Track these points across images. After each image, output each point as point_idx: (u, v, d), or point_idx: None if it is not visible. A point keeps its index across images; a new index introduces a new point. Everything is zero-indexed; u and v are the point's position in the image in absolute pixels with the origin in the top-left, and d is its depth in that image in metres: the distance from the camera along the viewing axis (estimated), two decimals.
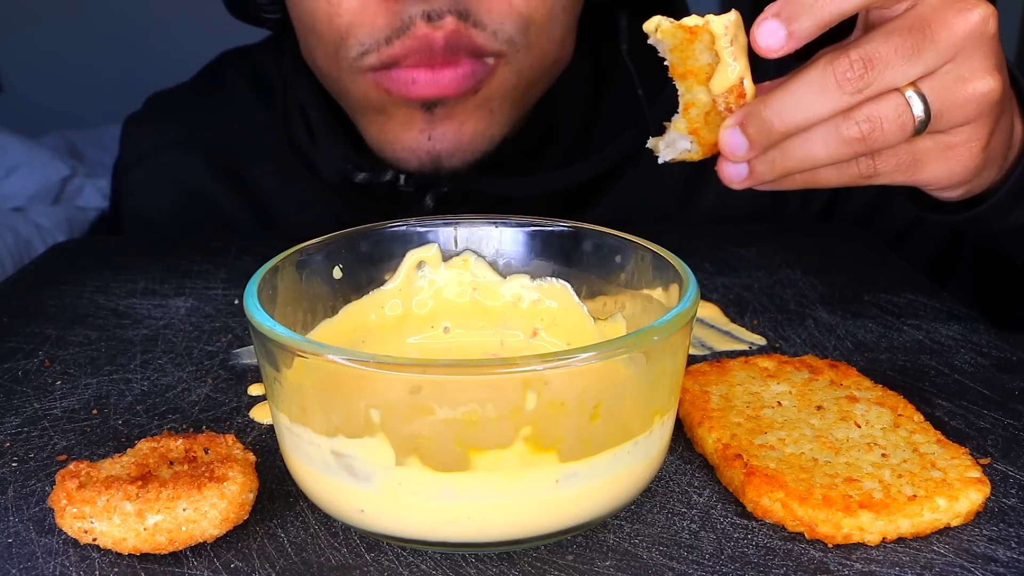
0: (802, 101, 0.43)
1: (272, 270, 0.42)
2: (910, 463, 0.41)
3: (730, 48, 0.43)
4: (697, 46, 0.43)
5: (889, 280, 0.65)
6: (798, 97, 0.43)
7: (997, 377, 0.52)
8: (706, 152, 0.46)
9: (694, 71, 0.44)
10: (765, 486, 0.39)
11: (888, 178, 0.47)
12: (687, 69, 0.44)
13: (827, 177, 0.46)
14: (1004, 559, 0.37)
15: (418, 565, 0.37)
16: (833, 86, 0.43)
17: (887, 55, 0.43)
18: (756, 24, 0.42)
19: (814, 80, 0.43)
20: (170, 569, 0.37)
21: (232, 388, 0.51)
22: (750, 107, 0.43)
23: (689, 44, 0.43)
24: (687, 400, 0.46)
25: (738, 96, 0.44)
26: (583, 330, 0.47)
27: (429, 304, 0.48)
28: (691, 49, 0.43)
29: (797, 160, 0.44)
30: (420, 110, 0.65)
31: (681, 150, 0.46)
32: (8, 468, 0.44)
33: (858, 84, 0.43)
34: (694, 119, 0.45)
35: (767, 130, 0.43)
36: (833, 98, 0.43)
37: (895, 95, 0.43)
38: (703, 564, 0.37)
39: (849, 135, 0.43)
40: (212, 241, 0.74)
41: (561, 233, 0.47)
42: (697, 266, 0.60)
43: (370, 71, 0.64)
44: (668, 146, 0.46)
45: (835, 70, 0.43)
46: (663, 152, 0.46)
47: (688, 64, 0.44)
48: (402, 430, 0.35)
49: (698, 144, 0.46)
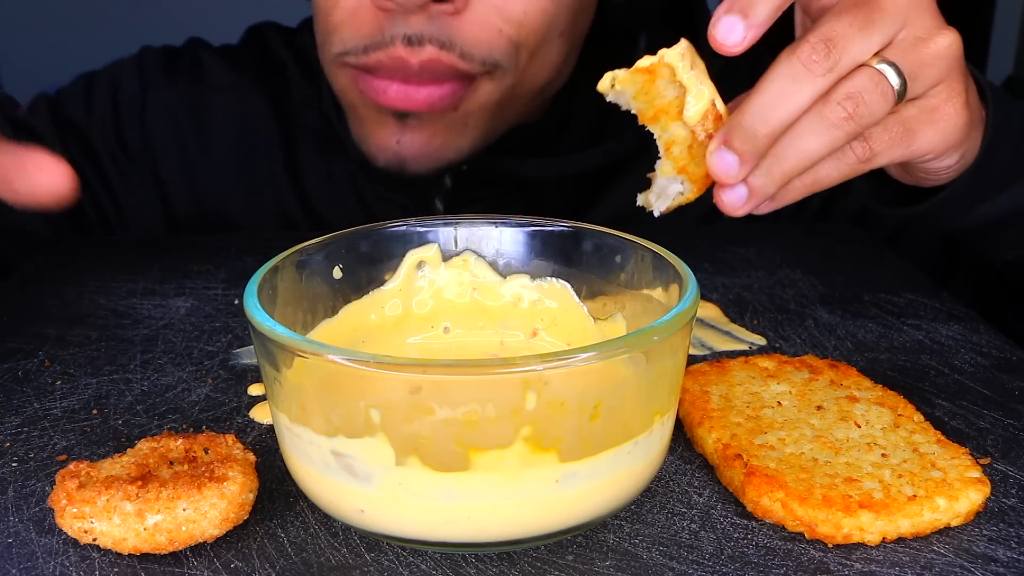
0: (778, 96, 0.43)
1: (272, 270, 0.42)
2: (910, 463, 0.41)
3: (692, 73, 0.42)
4: (659, 83, 0.43)
5: (889, 280, 0.65)
6: (773, 94, 0.43)
7: (997, 377, 0.52)
8: (700, 188, 0.44)
9: (664, 109, 0.43)
10: (765, 486, 0.39)
11: (887, 156, 0.46)
12: (657, 109, 0.43)
13: (827, 173, 0.46)
14: (1004, 559, 0.37)
15: (418, 565, 0.37)
16: (803, 72, 0.43)
17: (844, 31, 0.43)
18: (713, 25, 0.42)
19: (783, 73, 0.43)
20: (170, 569, 0.37)
21: (232, 388, 0.51)
22: (730, 122, 0.43)
23: (650, 84, 0.43)
24: (687, 400, 0.46)
25: (715, 119, 0.43)
26: (583, 330, 0.47)
27: (429, 304, 0.48)
28: (654, 89, 0.43)
29: (792, 160, 0.44)
30: (390, 115, 0.67)
31: (674, 195, 0.45)
32: (8, 468, 0.44)
33: (826, 64, 0.43)
34: (679, 157, 0.44)
35: (753, 137, 0.42)
36: (807, 84, 0.43)
37: (866, 69, 0.44)
38: (703, 564, 0.37)
39: (836, 117, 0.43)
40: (212, 241, 0.74)
41: (561, 233, 0.47)
42: (697, 266, 0.60)
43: (350, 68, 0.66)
44: (659, 196, 0.45)
45: (800, 57, 0.43)
46: (656, 204, 0.45)
47: (656, 104, 0.43)
48: (402, 430, 0.35)
49: (689, 182, 0.44)
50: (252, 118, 0.83)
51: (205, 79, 0.84)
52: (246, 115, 0.83)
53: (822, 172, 0.46)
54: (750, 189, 0.44)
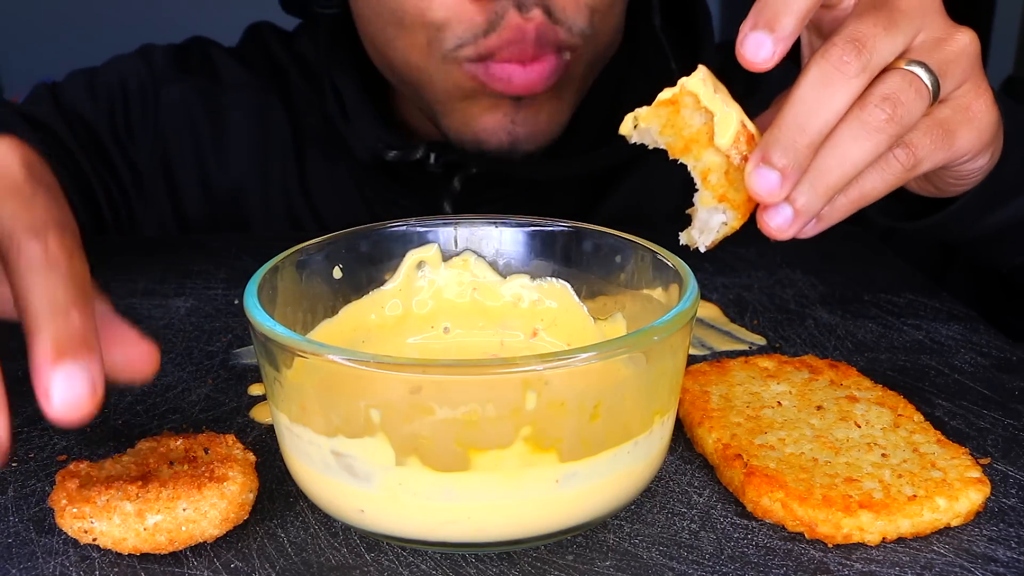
0: (814, 103, 0.41)
1: (272, 270, 0.42)
2: (910, 463, 0.41)
3: (717, 97, 0.41)
4: (684, 113, 0.42)
5: (889, 280, 0.65)
6: (808, 102, 0.41)
7: (997, 377, 0.52)
8: (744, 214, 0.43)
9: (694, 138, 0.42)
10: (765, 486, 0.39)
11: (931, 161, 0.45)
12: (687, 140, 0.42)
13: (873, 185, 0.44)
14: (1004, 559, 0.37)
15: (418, 565, 0.37)
16: (836, 75, 0.42)
17: (870, 31, 0.42)
18: (739, 44, 0.41)
19: (815, 79, 0.42)
20: (170, 569, 0.37)
21: (232, 388, 0.51)
22: (766, 137, 0.41)
23: (675, 116, 0.42)
24: (687, 400, 0.46)
25: (748, 140, 0.41)
26: (583, 330, 0.47)
27: (429, 304, 0.48)
28: (680, 120, 0.42)
29: (836, 172, 0.42)
30: (507, 99, 0.68)
31: (717, 226, 0.43)
32: (8, 468, 0.44)
33: (858, 63, 0.42)
34: (716, 185, 0.42)
35: (793, 149, 0.41)
36: (841, 87, 0.42)
37: (897, 70, 0.43)
38: (703, 564, 0.37)
39: (876, 120, 0.42)
40: (212, 241, 0.74)
41: (561, 233, 0.47)
42: (697, 266, 0.60)
43: (466, 62, 0.66)
44: (702, 231, 0.43)
45: (830, 60, 0.42)
46: (700, 240, 0.43)
47: (685, 135, 0.42)
48: (402, 430, 0.35)
49: (732, 209, 0.42)
50: (267, 118, 0.83)
51: (220, 77, 0.83)
52: (262, 115, 0.83)
53: (867, 184, 0.44)
54: (795, 208, 0.42)
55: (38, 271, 0.35)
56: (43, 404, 0.34)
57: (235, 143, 0.82)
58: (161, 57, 0.84)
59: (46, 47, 2.44)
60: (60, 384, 0.34)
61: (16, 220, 0.36)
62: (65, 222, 0.37)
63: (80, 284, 0.35)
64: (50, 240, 0.35)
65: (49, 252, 0.35)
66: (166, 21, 2.44)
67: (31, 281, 0.35)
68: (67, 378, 0.33)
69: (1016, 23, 2.44)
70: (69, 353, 0.34)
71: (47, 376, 0.33)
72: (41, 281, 0.35)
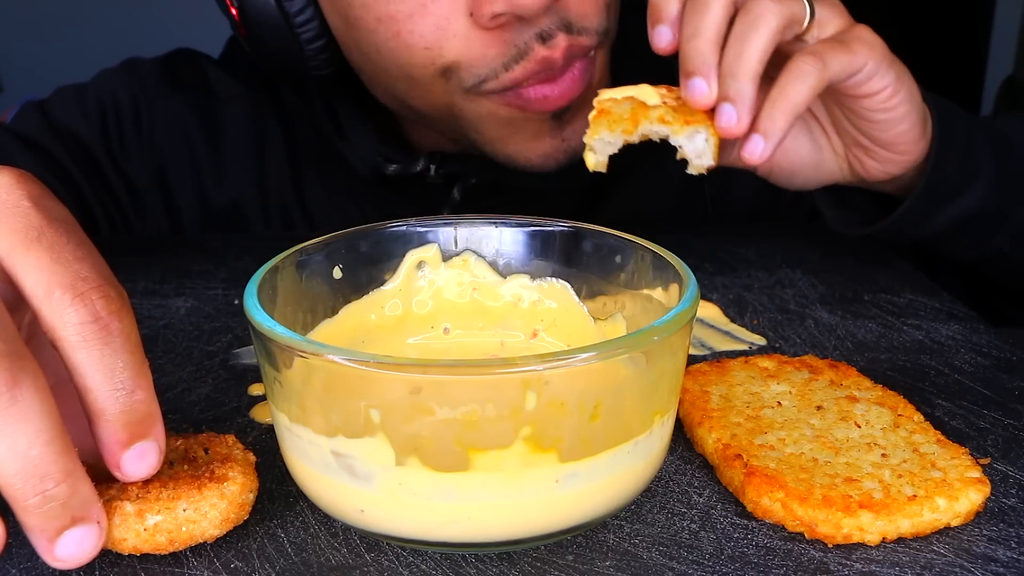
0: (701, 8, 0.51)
1: (272, 270, 0.42)
2: (910, 463, 0.41)
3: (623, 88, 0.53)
4: (615, 110, 0.52)
5: (889, 280, 0.65)
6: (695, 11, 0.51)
7: (997, 377, 0.52)
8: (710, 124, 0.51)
9: (633, 117, 0.51)
10: (765, 486, 0.39)
11: (836, 64, 0.52)
12: (629, 121, 0.51)
13: (796, 90, 0.51)
14: (1004, 559, 0.37)
15: (418, 565, 0.37)
16: None
17: None
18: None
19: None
20: (170, 569, 0.37)
21: (232, 388, 0.51)
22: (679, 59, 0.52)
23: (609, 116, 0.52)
24: (687, 400, 0.46)
25: (667, 89, 0.53)
26: (583, 330, 0.47)
27: (429, 304, 0.48)
28: (614, 116, 0.52)
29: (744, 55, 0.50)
30: (548, 120, 0.66)
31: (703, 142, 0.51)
32: None
33: None
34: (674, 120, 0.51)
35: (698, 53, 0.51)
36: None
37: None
38: (703, 564, 0.37)
39: (759, 8, 0.51)
40: (212, 241, 0.74)
41: (561, 233, 0.47)
42: (697, 266, 0.60)
43: (494, 93, 0.64)
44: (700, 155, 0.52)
45: None
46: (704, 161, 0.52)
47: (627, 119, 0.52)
48: (402, 430, 0.35)
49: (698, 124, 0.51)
50: (262, 131, 0.81)
51: (213, 90, 0.82)
52: (256, 128, 0.82)
53: (791, 91, 0.51)
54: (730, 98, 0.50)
55: (93, 343, 0.35)
56: (115, 474, 0.37)
57: (231, 157, 0.81)
58: (150, 71, 0.83)
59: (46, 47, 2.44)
60: (133, 462, 0.36)
61: (53, 275, 0.35)
62: (98, 266, 0.37)
63: (134, 350, 0.36)
64: (97, 301, 0.35)
65: (99, 318, 0.35)
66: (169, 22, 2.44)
67: (88, 355, 0.35)
68: (139, 456, 0.36)
69: (1016, 23, 2.44)
70: (140, 435, 0.36)
71: (119, 455, 0.36)
72: (98, 355, 0.35)
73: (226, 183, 0.81)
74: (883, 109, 0.56)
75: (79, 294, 0.35)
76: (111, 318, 0.35)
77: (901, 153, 0.58)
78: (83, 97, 0.81)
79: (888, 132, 0.57)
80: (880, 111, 0.56)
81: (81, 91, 0.82)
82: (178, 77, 0.83)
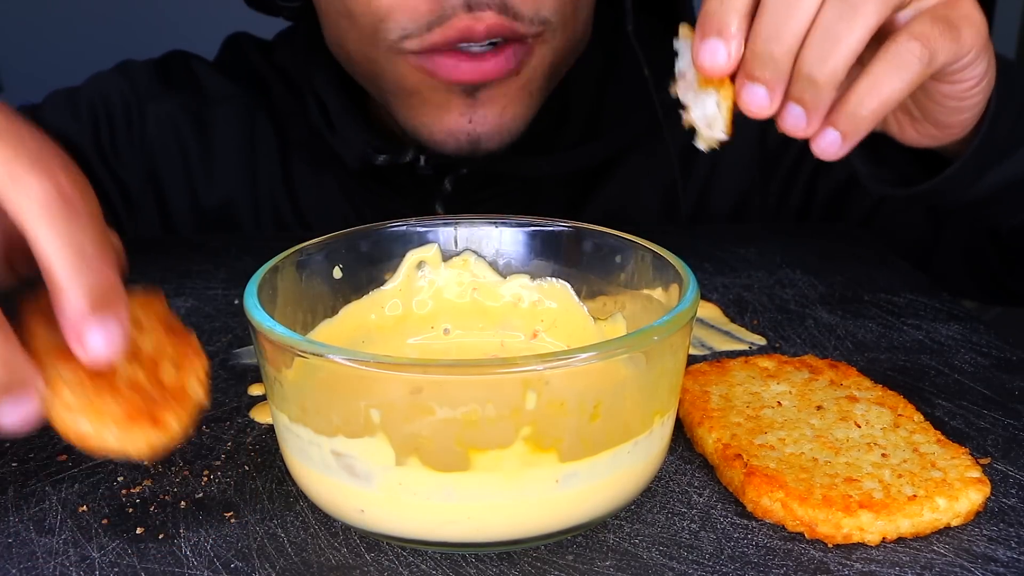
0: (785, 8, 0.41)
1: (272, 270, 0.42)
2: (910, 463, 0.41)
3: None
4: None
5: (889, 280, 0.65)
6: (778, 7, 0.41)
7: (997, 377, 0.52)
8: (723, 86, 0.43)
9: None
10: (765, 486, 0.39)
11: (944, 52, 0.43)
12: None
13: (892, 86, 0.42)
14: (1004, 559, 0.37)
15: (418, 565, 0.37)
16: None
17: None
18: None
19: None
20: (170, 569, 0.37)
21: (232, 388, 0.51)
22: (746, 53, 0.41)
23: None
24: (687, 400, 0.46)
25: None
26: (583, 330, 0.47)
27: (429, 304, 0.48)
28: None
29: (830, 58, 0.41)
30: (460, 94, 0.66)
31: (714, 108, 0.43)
32: (8, 468, 0.44)
33: None
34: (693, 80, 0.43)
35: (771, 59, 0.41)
36: None
37: None
38: (703, 564, 0.37)
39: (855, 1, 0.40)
40: (212, 241, 0.74)
41: (561, 233, 0.47)
42: (697, 266, 0.60)
43: (411, 54, 0.65)
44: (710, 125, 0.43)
45: None
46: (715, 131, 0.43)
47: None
48: (402, 430, 0.35)
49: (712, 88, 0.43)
50: (253, 130, 0.82)
51: (204, 91, 0.83)
52: (247, 127, 0.82)
53: (885, 86, 0.42)
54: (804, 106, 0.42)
55: (55, 216, 0.33)
56: (76, 351, 0.35)
57: (222, 157, 0.82)
58: (143, 73, 0.83)
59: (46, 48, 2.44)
60: (97, 335, 0.34)
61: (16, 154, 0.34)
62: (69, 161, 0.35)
63: (99, 226, 0.35)
64: (60, 176, 0.34)
65: (64, 193, 0.34)
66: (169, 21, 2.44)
67: (51, 228, 0.33)
68: (104, 329, 0.34)
69: (1016, 23, 2.44)
70: (103, 306, 0.34)
71: (83, 327, 0.34)
72: (64, 228, 0.34)
73: (218, 182, 0.82)
74: (959, 98, 0.49)
75: (43, 168, 0.34)
76: (75, 192, 0.34)
77: (948, 131, 0.51)
78: (74, 100, 0.82)
79: (950, 117, 0.50)
80: (955, 99, 0.49)
81: (73, 94, 0.82)
82: (169, 78, 0.83)
